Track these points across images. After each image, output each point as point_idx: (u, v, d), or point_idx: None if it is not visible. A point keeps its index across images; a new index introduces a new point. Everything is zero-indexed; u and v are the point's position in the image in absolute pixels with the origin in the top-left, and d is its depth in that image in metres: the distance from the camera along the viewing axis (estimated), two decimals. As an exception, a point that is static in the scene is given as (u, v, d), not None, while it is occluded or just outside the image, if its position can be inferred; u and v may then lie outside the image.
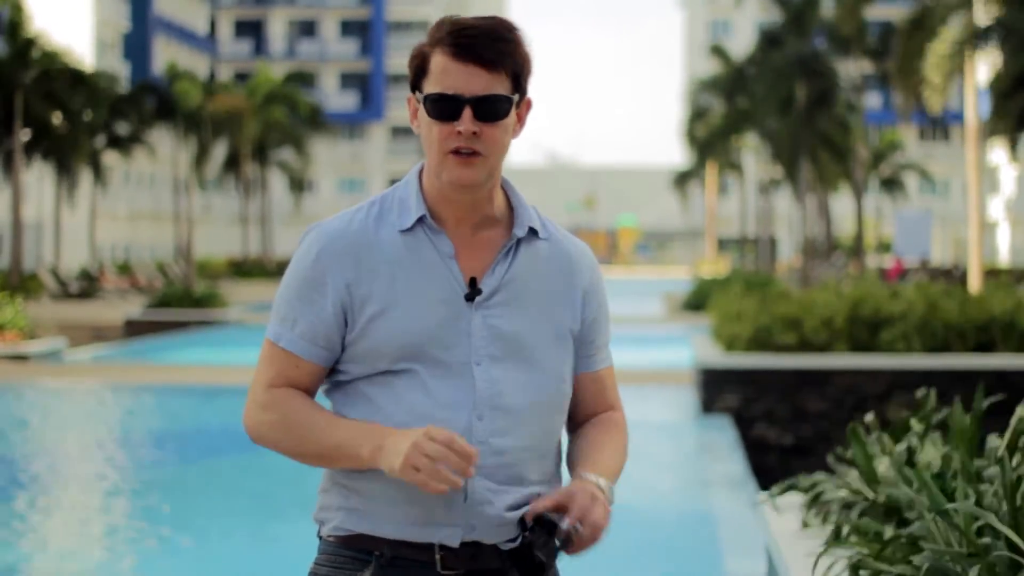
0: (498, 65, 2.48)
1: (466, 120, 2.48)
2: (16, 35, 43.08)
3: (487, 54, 2.48)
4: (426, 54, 2.52)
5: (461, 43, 2.48)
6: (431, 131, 2.51)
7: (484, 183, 2.54)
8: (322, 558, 2.59)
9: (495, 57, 2.48)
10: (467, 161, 2.50)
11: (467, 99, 2.48)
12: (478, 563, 2.53)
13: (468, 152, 2.50)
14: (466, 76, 2.48)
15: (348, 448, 2.49)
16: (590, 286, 2.66)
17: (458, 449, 2.40)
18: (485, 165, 2.52)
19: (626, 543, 8.65)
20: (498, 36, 2.49)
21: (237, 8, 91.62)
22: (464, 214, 2.57)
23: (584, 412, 2.69)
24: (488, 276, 2.56)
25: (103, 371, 18.54)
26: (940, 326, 13.85)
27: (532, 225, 2.60)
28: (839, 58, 47.86)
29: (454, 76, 2.48)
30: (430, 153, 2.53)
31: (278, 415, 2.54)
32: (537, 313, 2.58)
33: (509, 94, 2.51)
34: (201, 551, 8.38)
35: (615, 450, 2.63)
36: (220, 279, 51.22)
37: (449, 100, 2.48)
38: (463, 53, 2.47)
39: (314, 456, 2.53)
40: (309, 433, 2.52)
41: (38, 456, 12.33)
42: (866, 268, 45.10)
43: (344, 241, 2.54)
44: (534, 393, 2.56)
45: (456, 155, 2.50)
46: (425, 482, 2.40)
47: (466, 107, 2.48)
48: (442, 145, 2.50)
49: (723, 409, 13.26)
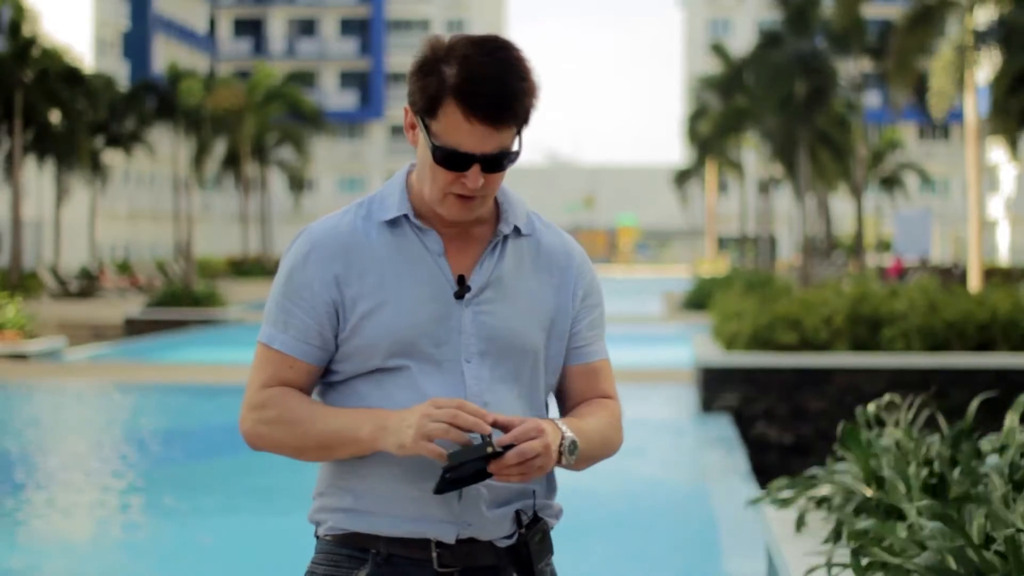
0: (511, 123, 2.48)
1: (474, 175, 2.49)
2: (16, 34, 43.07)
3: (503, 115, 2.46)
4: (438, 92, 2.47)
5: (478, 103, 2.44)
6: (435, 171, 2.51)
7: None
8: (319, 557, 2.60)
9: (509, 118, 2.47)
10: (468, 202, 2.53)
11: (478, 157, 2.48)
12: (474, 560, 2.53)
13: (470, 196, 2.52)
14: (478, 136, 2.46)
15: (348, 431, 2.50)
16: (579, 280, 2.66)
17: (469, 410, 2.41)
18: (484, 203, 2.55)
19: (626, 542, 8.64)
20: (513, 94, 2.46)
21: (237, 7, 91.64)
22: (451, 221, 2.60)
23: (577, 402, 2.68)
24: (476, 273, 2.57)
25: (103, 370, 18.53)
26: (940, 325, 13.84)
27: (517, 223, 2.62)
28: (839, 57, 47.85)
29: (466, 135, 2.46)
30: (431, 187, 2.53)
31: (276, 411, 2.54)
32: (526, 309, 2.59)
33: (517, 145, 2.52)
34: (201, 550, 8.38)
35: (597, 420, 2.60)
36: (220, 278, 51.20)
37: (460, 156, 2.48)
38: (479, 115, 2.45)
39: (315, 447, 2.53)
40: (309, 424, 2.52)
41: (38, 456, 12.33)
42: (866, 267, 45.10)
43: (334, 241, 2.56)
44: (525, 388, 2.58)
45: (458, 197, 2.52)
46: (440, 453, 2.41)
47: (475, 164, 2.49)
48: (446, 187, 2.52)
49: (723, 408, 13.26)
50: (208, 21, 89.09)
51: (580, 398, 2.67)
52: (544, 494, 2.61)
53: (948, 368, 13.10)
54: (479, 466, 2.40)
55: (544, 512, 2.61)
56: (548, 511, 2.62)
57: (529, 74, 2.49)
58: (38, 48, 43.28)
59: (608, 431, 2.62)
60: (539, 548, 2.57)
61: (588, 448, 2.54)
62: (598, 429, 2.59)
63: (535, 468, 2.42)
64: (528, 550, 2.55)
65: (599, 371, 2.69)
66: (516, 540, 2.55)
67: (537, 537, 2.57)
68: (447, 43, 2.49)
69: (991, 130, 35.53)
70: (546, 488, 2.62)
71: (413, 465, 2.51)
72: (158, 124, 55.11)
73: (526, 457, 2.41)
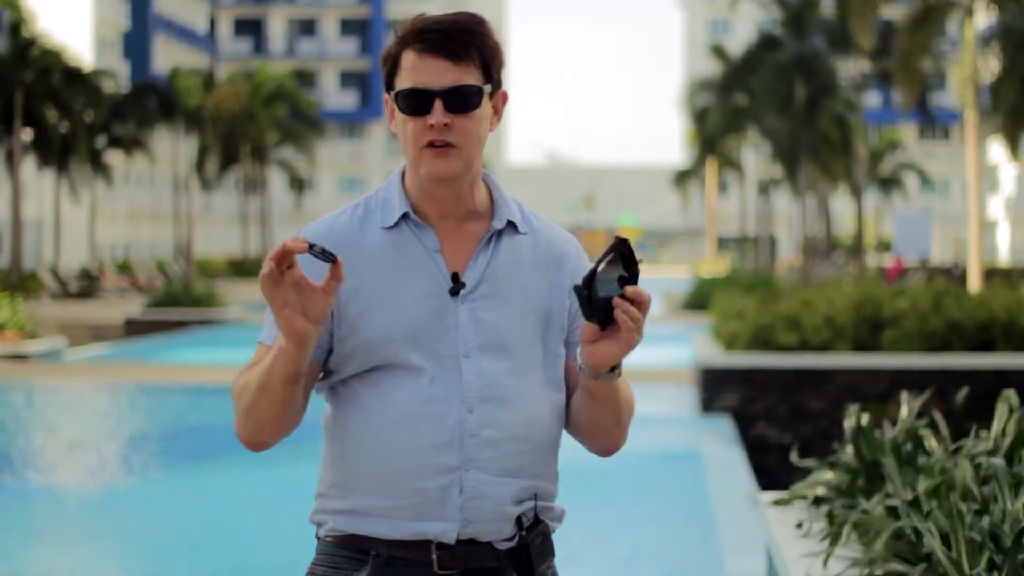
0: (466, 56, 2.51)
1: (437, 112, 2.50)
2: (16, 34, 43.08)
3: (454, 46, 2.50)
4: (396, 54, 2.54)
5: (428, 38, 2.50)
6: (405, 128, 2.54)
7: (462, 175, 2.55)
8: (319, 558, 2.60)
9: (462, 49, 2.50)
10: (442, 152, 2.52)
11: (436, 92, 2.50)
12: (474, 562, 2.53)
13: (442, 144, 2.51)
14: (435, 70, 2.50)
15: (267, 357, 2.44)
16: (575, 275, 2.66)
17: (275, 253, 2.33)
18: (460, 156, 2.53)
19: (626, 543, 8.65)
20: (465, 28, 2.52)
21: (237, 7, 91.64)
22: (447, 209, 2.59)
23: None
24: (470, 269, 2.57)
25: (103, 371, 18.53)
26: (941, 325, 13.84)
27: (511, 218, 2.62)
28: (839, 57, 47.86)
29: (423, 71, 2.50)
30: (407, 150, 2.56)
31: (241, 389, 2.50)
32: (522, 304, 2.59)
33: (479, 84, 2.53)
34: (201, 550, 8.38)
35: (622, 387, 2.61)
36: (220, 278, 51.22)
37: (419, 94, 2.50)
38: (430, 48, 2.50)
39: (258, 390, 2.45)
40: (251, 375, 2.48)
41: (38, 456, 12.33)
42: (866, 267, 45.10)
43: (328, 241, 2.56)
44: (525, 383, 2.57)
45: (431, 148, 2.52)
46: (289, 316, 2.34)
47: (436, 99, 2.50)
48: (416, 140, 2.52)
49: (723, 408, 13.26)
50: (208, 21, 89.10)
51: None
52: (545, 495, 2.61)
53: (948, 368, 13.09)
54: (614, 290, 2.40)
55: (545, 514, 2.60)
56: (549, 513, 2.61)
57: (485, 25, 2.55)
58: (38, 48, 43.29)
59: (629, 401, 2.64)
60: (540, 550, 2.56)
61: (623, 389, 2.57)
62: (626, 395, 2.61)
63: (640, 325, 2.42)
64: (529, 552, 2.54)
65: None
66: (517, 542, 2.55)
67: (538, 539, 2.56)
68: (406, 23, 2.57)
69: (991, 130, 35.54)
70: (548, 489, 2.62)
71: (415, 463, 2.51)
72: (159, 125, 55.10)
73: (643, 299, 2.42)
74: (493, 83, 2.56)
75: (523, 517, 2.56)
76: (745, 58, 50.32)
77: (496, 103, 2.59)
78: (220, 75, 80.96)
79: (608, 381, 2.51)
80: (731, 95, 54.92)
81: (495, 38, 2.56)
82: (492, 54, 2.54)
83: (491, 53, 2.54)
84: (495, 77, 2.56)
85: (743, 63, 50.42)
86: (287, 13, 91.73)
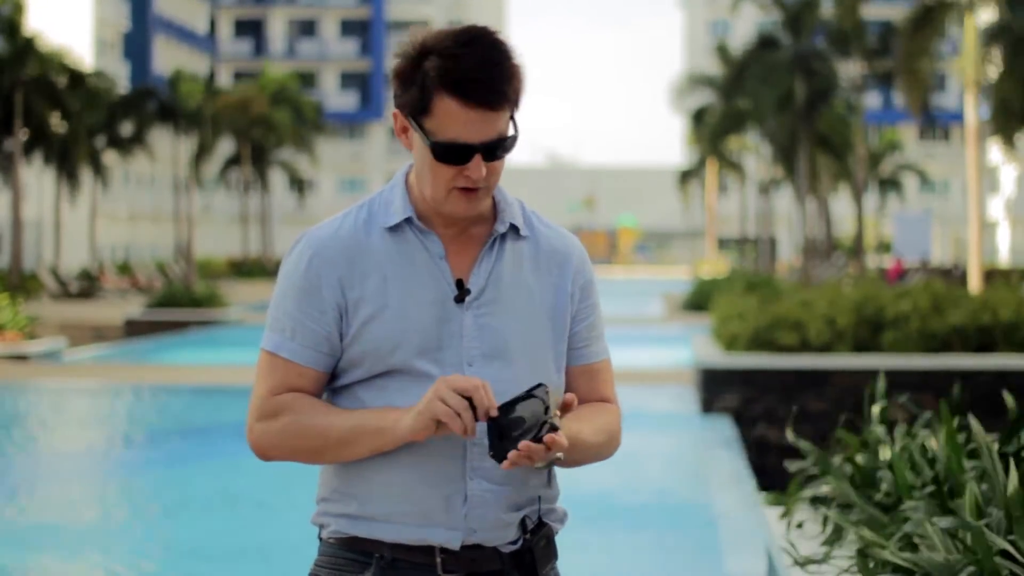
0: (503, 104, 2.47)
1: (476, 166, 2.48)
2: (15, 34, 43.06)
3: (494, 98, 2.45)
4: (426, 88, 2.46)
5: (469, 90, 2.44)
6: (437, 169, 2.50)
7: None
8: (322, 560, 2.59)
9: (501, 98, 2.46)
10: (472, 195, 2.51)
11: (478, 147, 2.47)
12: (478, 566, 2.52)
13: (474, 188, 2.51)
14: (476, 123, 2.46)
15: (371, 422, 2.48)
16: (579, 279, 2.65)
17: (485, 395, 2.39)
18: (488, 195, 2.54)
19: (627, 543, 8.64)
20: (503, 73, 2.46)
21: (237, 7, 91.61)
22: (454, 219, 2.58)
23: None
24: (474, 274, 2.56)
25: (103, 371, 18.53)
26: (942, 326, 13.84)
27: (513, 221, 2.60)
28: (839, 58, 47.84)
29: (462, 124, 2.45)
30: (433, 186, 2.52)
31: (290, 416, 2.52)
32: (526, 309, 2.58)
33: (513, 128, 2.51)
34: (201, 551, 8.38)
35: (594, 426, 2.59)
36: (220, 279, 51.20)
37: (460, 148, 2.47)
38: (472, 100, 2.44)
39: (336, 444, 2.49)
40: (327, 422, 2.49)
41: (38, 456, 12.33)
42: (866, 268, 45.09)
43: (335, 246, 2.54)
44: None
45: (461, 191, 2.51)
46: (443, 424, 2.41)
47: (477, 154, 2.48)
48: (448, 183, 2.50)
49: (723, 409, 13.26)
50: (208, 22, 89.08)
51: (581, 399, 2.65)
52: (549, 498, 2.60)
53: (948, 369, 13.09)
54: (533, 433, 2.39)
55: (549, 517, 2.59)
56: (553, 515, 2.61)
57: (512, 54, 2.49)
58: (37, 48, 43.26)
59: (605, 434, 2.61)
60: (544, 553, 2.56)
61: (578, 455, 2.54)
62: (594, 433, 2.58)
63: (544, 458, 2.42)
64: (533, 556, 2.54)
65: (600, 372, 2.67)
66: (521, 545, 2.54)
67: (542, 542, 2.55)
68: (422, 40, 2.49)
69: (991, 131, 35.53)
70: (550, 492, 2.61)
71: (418, 471, 2.51)
72: (158, 125, 55.09)
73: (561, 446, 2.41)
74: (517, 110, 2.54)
75: (527, 520, 2.55)
76: (744, 59, 50.30)
77: None
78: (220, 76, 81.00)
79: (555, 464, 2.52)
80: (731, 96, 54.90)
81: (519, 64, 2.50)
82: (519, 88, 2.51)
83: (519, 88, 2.50)
84: (519, 107, 2.54)
85: (742, 64, 50.40)
86: (287, 14, 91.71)
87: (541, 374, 2.57)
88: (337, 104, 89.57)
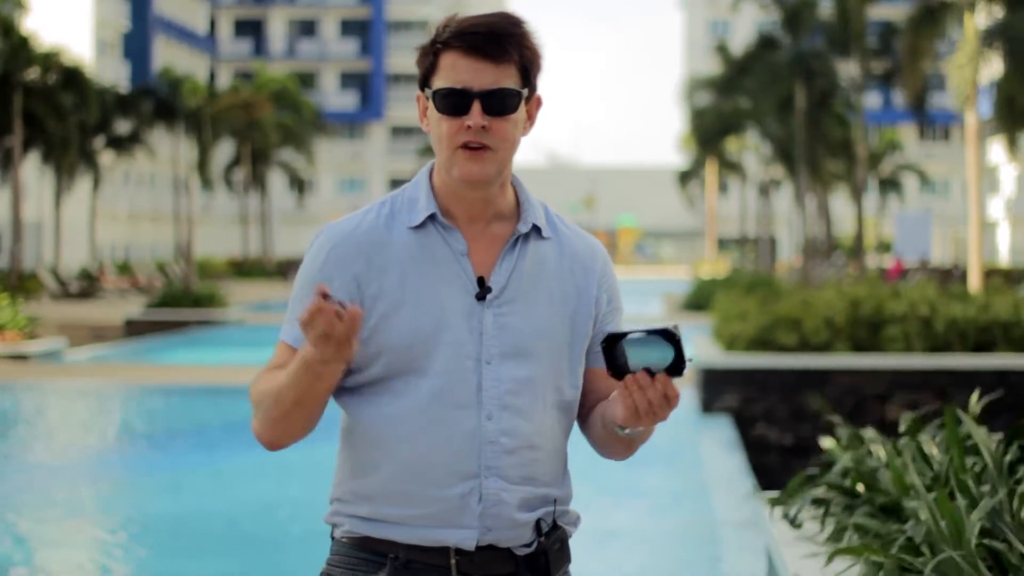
0: (506, 59, 2.49)
1: (475, 114, 2.48)
2: (14, 34, 43.05)
3: (495, 48, 2.48)
4: (435, 52, 2.51)
5: (469, 39, 2.48)
6: (440, 127, 2.51)
7: (494, 178, 2.53)
8: (335, 559, 2.57)
9: (503, 51, 2.48)
10: (477, 155, 2.50)
11: (476, 93, 2.48)
12: (492, 568, 2.51)
13: (477, 146, 2.49)
14: (475, 71, 2.48)
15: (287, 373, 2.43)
16: (602, 282, 2.64)
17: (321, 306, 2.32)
18: (495, 159, 2.51)
19: (626, 543, 8.64)
20: (505, 30, 2.50)
21: (237, 7, 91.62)
22: (476, 211, 2.56)
23: (599, 401, 2.65)
24: (496, 272, 2.54)
25: (103, 371, 18.53)
26: (941, 326, 13.84)
27: (536, 222, 2.59)
28: (839, 58, 47.84)
29: (463, 71, 2.48)
30: (440, 149, 2.53)
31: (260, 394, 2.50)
32: (547, 310, 2.57)
33: (518, 88, 2.51)
34: (201, 551, 8.38)
35: None
36: (220, 279, 51.20)
37: (458, 94, 2.48)
38: (471, 48, 2.48)
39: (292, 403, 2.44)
40: (276, 381, 2.46)
41: (38, 456, 12.33)
42: (866, 268, 45.09)
43: (354, 241, 2.54)
44: (543, 391, 2.54)
45: (465, 149, 2.49)
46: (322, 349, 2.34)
47: (475, 101, 2.48)
48: (451, 140, 2.50)
49: (723, 409, 13.26)
50: (208, 22, 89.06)
51: (604, 399, 2.63)
52: (563, 500, 2.59)
53: (948, 369, 13.10)
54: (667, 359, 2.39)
55: (563, 519, 2.59)
56: (566, 518, 2.60)
57: (525, 26, 2.52)
58: (36, 48, 43.24)
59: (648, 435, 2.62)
60: (558, 556, 2.55)
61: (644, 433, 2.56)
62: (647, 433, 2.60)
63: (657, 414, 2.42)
64: (547, 558, 2.53)
65: None
66: (535, 548, 2.53)
67: (556, 545, 2.55)
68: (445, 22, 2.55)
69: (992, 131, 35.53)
70: (564, 493, 2.60)
71: (433, 472, 2.49)
72: (158, 126, 55.07)
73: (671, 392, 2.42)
74: (530, 87, 2.54)
75: (542, 522, 2.54)
76: (744, 59, 50.30)
77: (531, 108, 2.57)
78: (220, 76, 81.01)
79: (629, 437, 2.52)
80: (731, 96, 54.91)
81: (535, 42, 2.54)
82: (532, 58, 2.52)
83: (531, 56, 2.52)
84: (532, 82, 2.54)
85: (742, 64, 50.40)
86: (287, 14, 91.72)
87: (557, 375, 2.56)
88: (337, 104, 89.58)
